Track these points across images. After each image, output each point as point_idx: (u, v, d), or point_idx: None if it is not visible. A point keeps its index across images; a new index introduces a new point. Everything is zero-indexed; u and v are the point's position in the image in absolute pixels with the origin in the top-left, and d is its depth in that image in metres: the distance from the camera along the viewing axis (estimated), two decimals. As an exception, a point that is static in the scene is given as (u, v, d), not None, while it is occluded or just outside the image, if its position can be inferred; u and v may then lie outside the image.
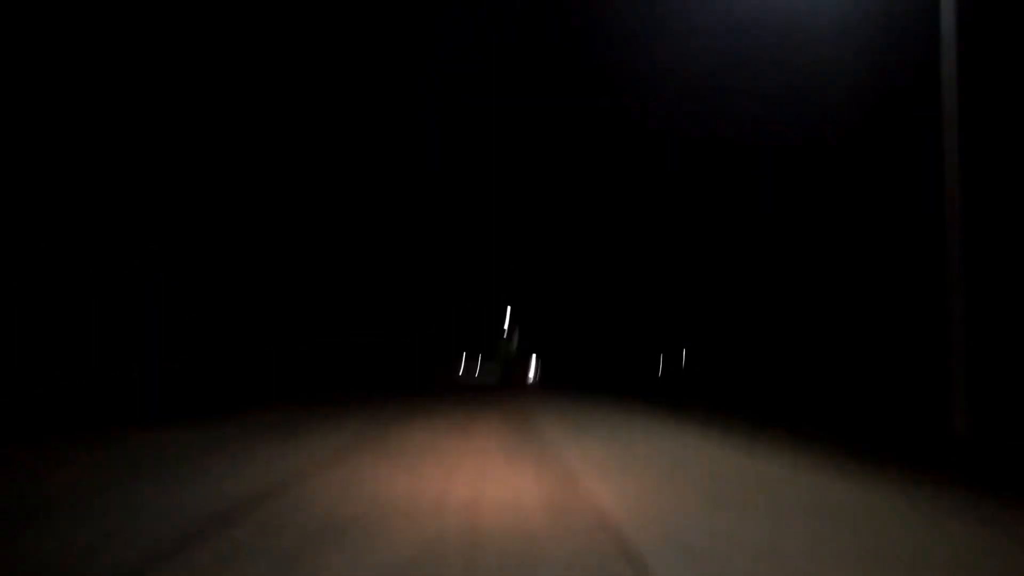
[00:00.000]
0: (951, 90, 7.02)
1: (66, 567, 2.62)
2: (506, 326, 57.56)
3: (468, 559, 2.81)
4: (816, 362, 12.68)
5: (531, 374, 45.48)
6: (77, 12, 13.28)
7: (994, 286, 9.19)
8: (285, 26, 21.09)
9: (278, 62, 21.24)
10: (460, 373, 59.28)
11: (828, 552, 3.02)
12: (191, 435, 6.57)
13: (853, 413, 10.34)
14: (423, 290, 42.93)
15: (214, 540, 2.99)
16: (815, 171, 13.75)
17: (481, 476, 4.73)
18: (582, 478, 4.72)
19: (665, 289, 20.70)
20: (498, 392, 23.56)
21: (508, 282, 51.40)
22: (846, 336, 12.15)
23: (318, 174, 25.91)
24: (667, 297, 20.62)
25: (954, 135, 6.91)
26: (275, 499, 3.87)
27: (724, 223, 17.20)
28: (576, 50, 23.62)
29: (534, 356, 46.52)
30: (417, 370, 35.69)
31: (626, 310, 24.03)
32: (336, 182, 27.26)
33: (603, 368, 24.88)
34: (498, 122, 32.22)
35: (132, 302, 14.83)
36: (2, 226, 12.04)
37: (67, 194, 13.54)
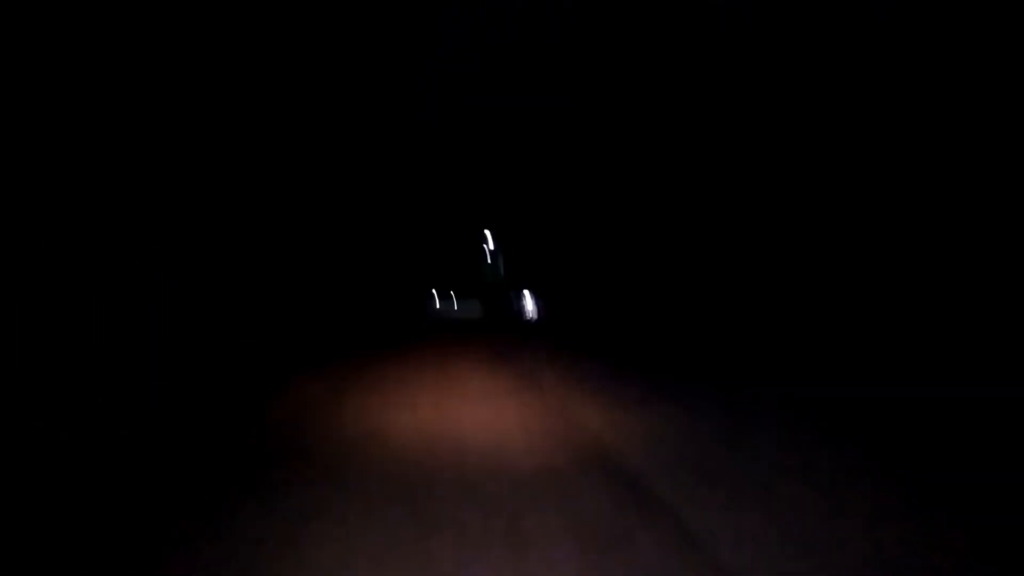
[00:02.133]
0: None
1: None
2: (488, 250, 46.80)
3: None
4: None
5: (529, 311, 36.14)
6: (77, 12, 13.29)
7: None
8: (285, 25, 21.10)
9: (278, 61, 21.26)
10: (433, 311, 48.90)
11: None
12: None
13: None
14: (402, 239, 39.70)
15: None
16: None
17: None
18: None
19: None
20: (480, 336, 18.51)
21: (489, 208, 42.20)
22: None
23: (316, 171, 25.94)
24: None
25: None
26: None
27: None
28: (576, 50, 23.61)
29: (528, 292, 36.96)
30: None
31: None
32: (332, 176, 27.32)
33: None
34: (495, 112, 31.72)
35: (132, 302, 14.83)
36: (2, 226, 12.04)
37: (67, 194, 13.54)
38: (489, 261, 46.60)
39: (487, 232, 45.35)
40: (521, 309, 36.48)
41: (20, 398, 6.72)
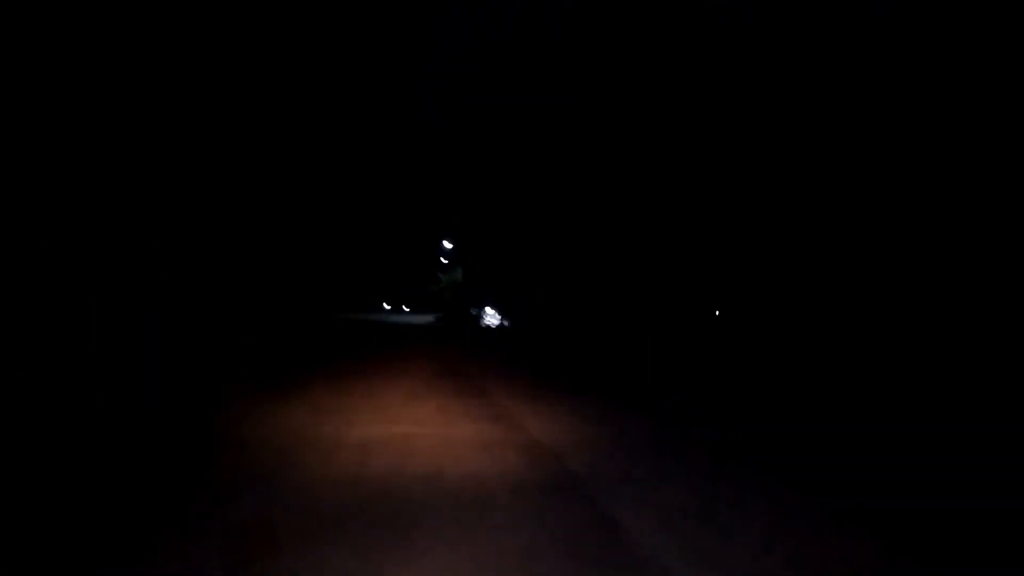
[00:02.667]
0: None
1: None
2: (443, 261, 43.28)
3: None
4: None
5: (491, 319, 33.35)
6: (79, 15, 13.28)
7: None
8: (285, 26, 21.08)
9: (278, 63, 21.23)
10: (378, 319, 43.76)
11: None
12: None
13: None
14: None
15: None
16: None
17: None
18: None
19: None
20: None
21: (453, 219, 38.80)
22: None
23: (315, 171, 25.92)
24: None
25: None
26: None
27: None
28: (576, 50, 23.62)
29: (489, 307, 33.97)
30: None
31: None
32: (331, 176, 27.34)
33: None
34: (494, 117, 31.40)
35: (132, 302, 14.82)
36: (2, 226, 12.04)
37: (67, 194, 13.53)
38: (445, 273, 43.23)
39: (446, 243, 41.77)
40: (480, 316, 33.83)
41: (20, 398, 6.71)
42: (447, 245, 41.89)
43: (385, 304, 66.55)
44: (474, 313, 34.17)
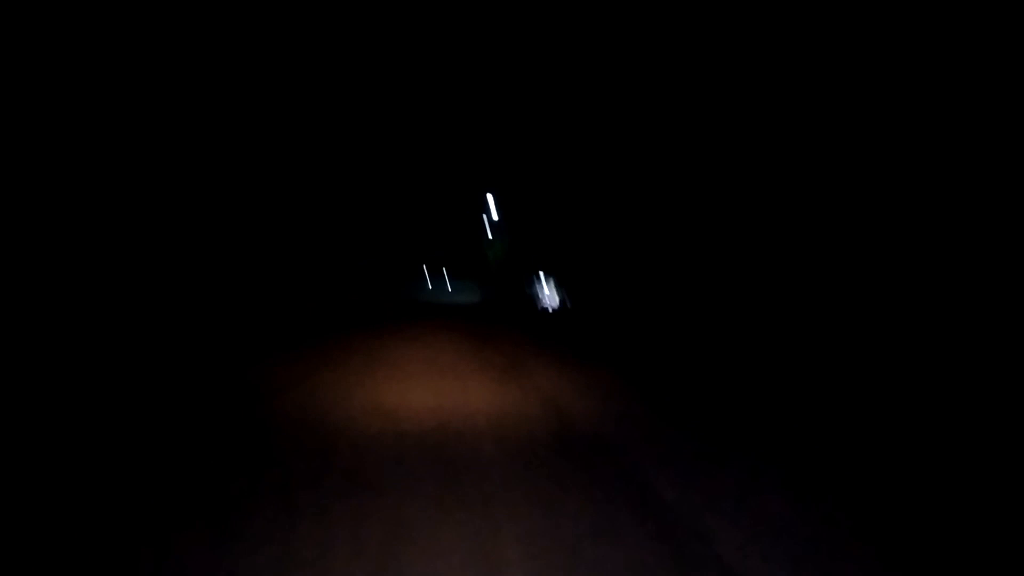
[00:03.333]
0: None
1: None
2: (488, 225, 37.65)
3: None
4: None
5: (547, 296, 28.09)
6: (79, 13, 13.29)
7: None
8: (285, 26, 21.10)
9: (278, 62, 21.24)
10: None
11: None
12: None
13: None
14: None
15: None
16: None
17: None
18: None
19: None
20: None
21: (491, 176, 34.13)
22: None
23: (315, 167, 25.94)
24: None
25: None
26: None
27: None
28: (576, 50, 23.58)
29: (542, 273, 28.73)
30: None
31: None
32: (331, 170, 27.33)
33: None
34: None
35: (132, 302, 14.83)
36: (2, 226, 12.04)
37: (67, 194, 13.54)
38: (492, 236, 37.24)
39: (490, 198, 35.54)
40: (536, 295, 28.02)
41: (20, 398, 6.71)
42: (493, 214, 37.25)
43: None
44: (520, 287, 28.54)
